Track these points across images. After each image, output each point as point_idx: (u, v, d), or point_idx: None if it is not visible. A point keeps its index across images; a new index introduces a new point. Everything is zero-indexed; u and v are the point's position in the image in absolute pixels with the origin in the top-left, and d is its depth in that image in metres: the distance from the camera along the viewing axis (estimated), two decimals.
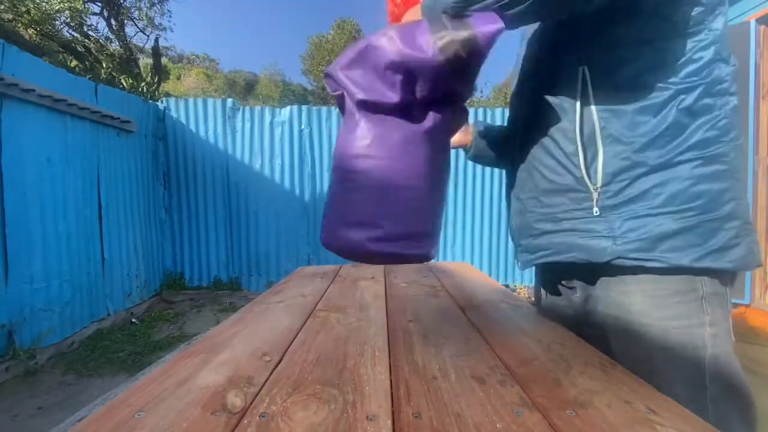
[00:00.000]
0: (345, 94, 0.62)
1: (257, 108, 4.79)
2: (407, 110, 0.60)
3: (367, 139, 0.60)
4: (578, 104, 0.62)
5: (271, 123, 4.68)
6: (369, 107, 0.60)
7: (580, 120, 0.62)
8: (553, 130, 0.66)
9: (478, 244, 4.85)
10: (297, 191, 4.74)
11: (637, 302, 0.61)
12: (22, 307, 2.76)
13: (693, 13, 0.57)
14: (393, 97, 0.58)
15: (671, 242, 0.57)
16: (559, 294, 0.79)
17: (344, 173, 0.62)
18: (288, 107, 4.75)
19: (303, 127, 4.70)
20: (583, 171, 0.62)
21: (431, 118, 0.61)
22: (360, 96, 0.59)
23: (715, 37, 0.59)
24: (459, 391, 0.49)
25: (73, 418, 0.61)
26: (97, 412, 0.45)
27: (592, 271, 0.66)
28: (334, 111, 4.76)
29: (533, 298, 0.92)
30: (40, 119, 2.96)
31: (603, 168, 0.60)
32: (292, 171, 4.73)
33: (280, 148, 4.70)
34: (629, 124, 0.59)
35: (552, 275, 0.79)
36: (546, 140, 0.67)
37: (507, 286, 4.64)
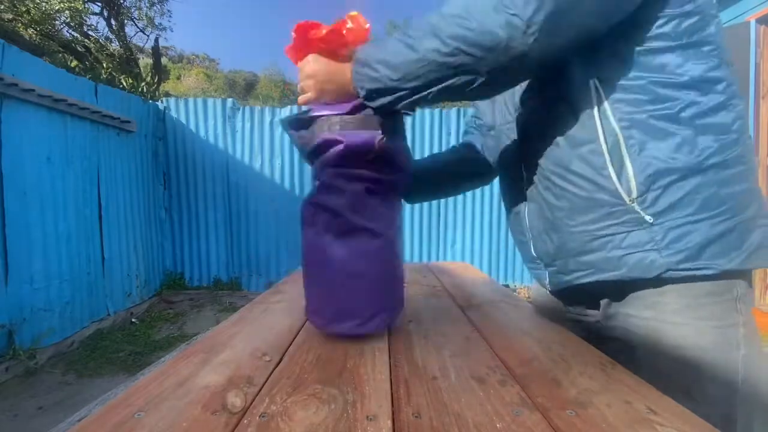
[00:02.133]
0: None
1: (257, 108, 4.79)
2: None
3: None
4: (597, 117, 0.61)
5: (271, 123, 4.68)
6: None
7: (603, 132, 0.60)
8: (575, 146, 0.64)
9: (478, 244, 4.85)
10: (297, 191, 4.74)
11: (671, 302, 0.60)
12: (22, 307, 2.76)
13: (688, 24, 0.57)
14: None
15: (714, 248, 0.57)
16: (582, 305, 0.75)
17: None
18: (288, 107, 4.75)
19: None
20: (616, 184, 0.60)
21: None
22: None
23: (715, 42, 0.59)
24: (459, 391, 0.49)
25: (72, 418, 0.61)
26: (97, 412, 0.45)
27: (627, 284, 0.63)
28: None
29: (531, 298, 0.90)
30: (40, 119, 2.96)
31: (635, 178, 0.59)
32: (292, 171, 4.73)
33: (280, 148, 4.70)
34: (651, 134, 0.58)
35: (581, 293, 0.73)
36: (569, 156, 0.64)
37: (507, 286, 4.64)
